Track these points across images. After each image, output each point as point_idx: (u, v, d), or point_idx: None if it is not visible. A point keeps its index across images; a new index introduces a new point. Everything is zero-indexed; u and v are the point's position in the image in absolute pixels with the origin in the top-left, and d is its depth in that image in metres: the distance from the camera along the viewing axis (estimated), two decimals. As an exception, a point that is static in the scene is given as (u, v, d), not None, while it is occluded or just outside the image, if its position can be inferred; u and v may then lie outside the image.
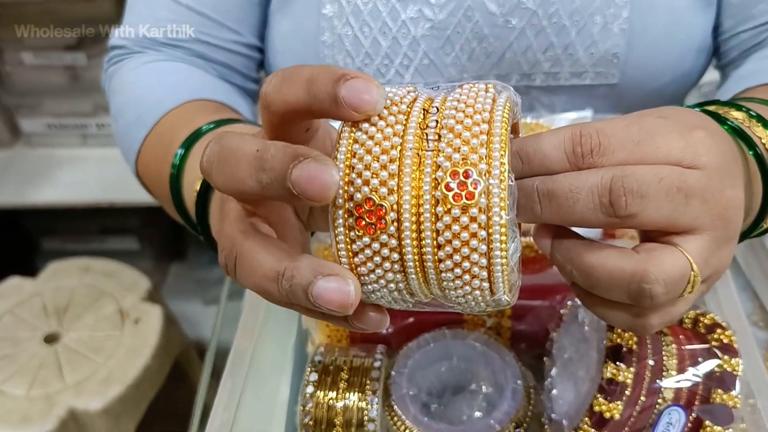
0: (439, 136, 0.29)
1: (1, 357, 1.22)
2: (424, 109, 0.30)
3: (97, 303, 1.31)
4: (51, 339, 1.26)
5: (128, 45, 0.64)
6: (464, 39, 0.60)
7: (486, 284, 0.29)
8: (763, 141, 0.41)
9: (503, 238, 0.28)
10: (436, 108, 0.30)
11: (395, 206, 0.28)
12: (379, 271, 0.29)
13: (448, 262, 0.28)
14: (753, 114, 0.42)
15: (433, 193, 0.28)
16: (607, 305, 0.34)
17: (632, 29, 0.58)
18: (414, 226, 0.28)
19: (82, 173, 1.40)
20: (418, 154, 0.29)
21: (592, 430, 0.40)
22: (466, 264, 0.28)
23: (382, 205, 0.28)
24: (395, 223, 0.28)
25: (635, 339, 0.41)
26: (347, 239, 0.29)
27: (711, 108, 0.45)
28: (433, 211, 0.28)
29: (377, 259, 0.29)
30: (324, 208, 0.30)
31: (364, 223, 0.28)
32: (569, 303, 0.47)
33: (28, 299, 1.32)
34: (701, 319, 0.44)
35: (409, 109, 0.29)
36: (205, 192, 0.45)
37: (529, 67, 0.61)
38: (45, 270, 1.37)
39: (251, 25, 0.64)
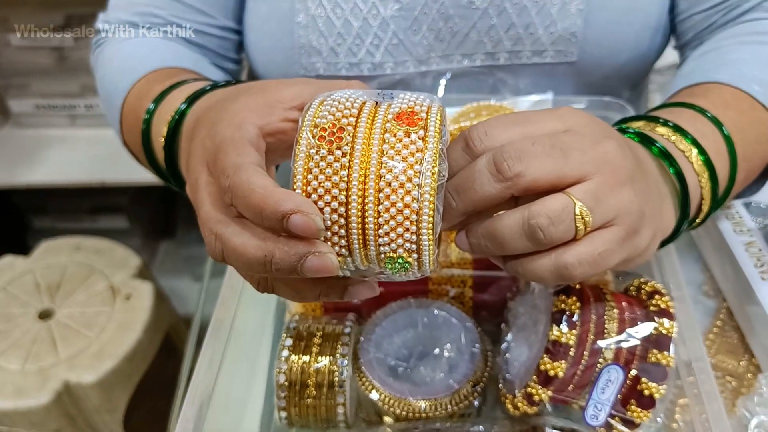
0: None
1: (-4, 333, 1.25)
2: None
3: (88, 280, 1.34)
4: (44, 315, 1.29)
5: (110, 28, 0.68)
6: (431, 19, 0.63)
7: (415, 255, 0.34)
8: (686, 154, 0.47)
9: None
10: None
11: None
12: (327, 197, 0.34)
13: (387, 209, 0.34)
14: (677, 128, 0.48)
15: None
16: (527, 263, 0.39)
17: (589, 9, 0.62)
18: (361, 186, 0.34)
19: (72, 153, 1.42)
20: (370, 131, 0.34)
21: (539, 387, 0.44)
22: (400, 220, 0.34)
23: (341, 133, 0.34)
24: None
25: (578, 304, 0.44)
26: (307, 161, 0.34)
27: (638, 125, 0.49)
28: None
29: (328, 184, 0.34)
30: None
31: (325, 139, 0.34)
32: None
33: (21, 277, 1.35)
34: (643, 287, 0.48)
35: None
36: (171, 140, 0.49)
37: (493, 45, 0.64)
38: (37, 248, 1.40)
39: (225, 8, 0.67)
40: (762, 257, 0.59)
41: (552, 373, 0.43)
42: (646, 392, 0.44)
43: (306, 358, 0.50)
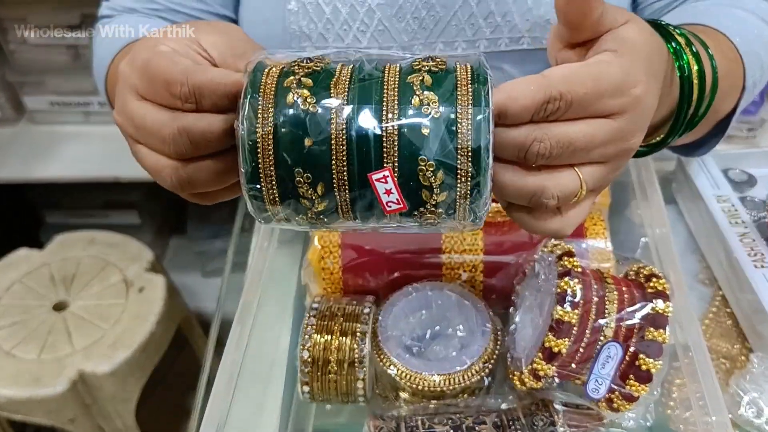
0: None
1: (12, 324, 1.28)
2: None
3: (102, 273, 1.37)
4: (59, 307, 1.32)
5: (113, 13, 0.73)
6: (414, 7, 0.67)
7: None
8: (692, 66, 0.49)
9: None
10: None
11: None
12: None
13: None
14: (688, 41, 0.50)
15: None
16: (520, 211, 0.41)
17: None
18: None
19: (86, 149, 1.46)
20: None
21: (544, 363, 0.48)
22: None
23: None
24: None
25: (580, 286, 0.48)
26: None
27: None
28: None
29: None
30: None
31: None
32: (530, 258, 0.55)
33: (36, 269, 1.38)
34: (642, 271, 0.52)
35: None
36: None
37: (473, 33, 0.68)
38: (52, 242, 1.43)
39: None
40: (755, 247, 0.63)
41: (556, 349, 0.47)
42: (644, 367, 0.47)
43: (328, 336, 0.54)
